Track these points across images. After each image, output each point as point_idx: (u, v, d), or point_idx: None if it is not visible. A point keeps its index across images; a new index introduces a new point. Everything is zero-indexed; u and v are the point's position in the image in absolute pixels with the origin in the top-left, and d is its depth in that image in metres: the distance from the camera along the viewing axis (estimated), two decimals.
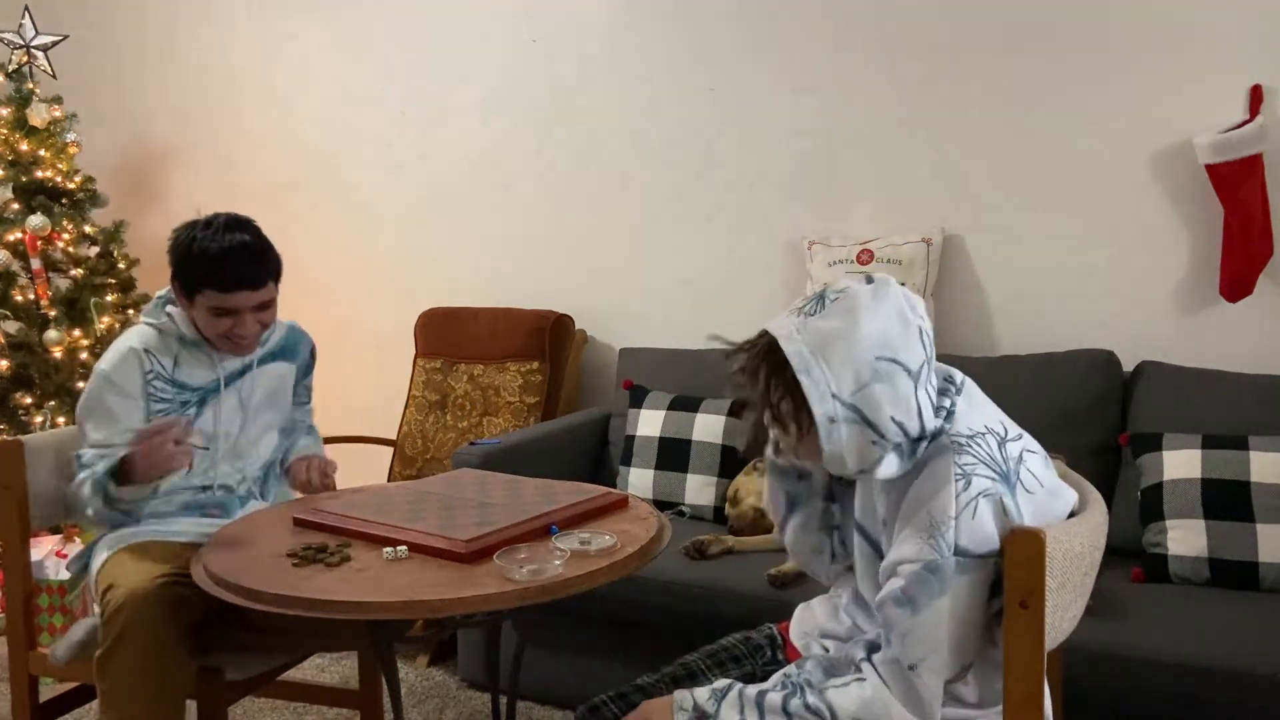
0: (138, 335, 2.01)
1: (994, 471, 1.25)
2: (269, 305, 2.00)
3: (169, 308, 2.02)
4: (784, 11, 3.04)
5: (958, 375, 1.37)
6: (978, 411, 1.32)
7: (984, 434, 1.28)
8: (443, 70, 3.54)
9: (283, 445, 2.20)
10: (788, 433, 1.31)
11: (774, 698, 1.28)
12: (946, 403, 1.30)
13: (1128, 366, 2.60)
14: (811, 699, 1.26)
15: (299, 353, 2.20)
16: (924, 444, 1.29)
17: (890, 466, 1.28)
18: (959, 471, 1.24)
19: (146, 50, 4.07)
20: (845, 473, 1.29)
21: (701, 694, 1.32)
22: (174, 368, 1.99)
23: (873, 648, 1.28)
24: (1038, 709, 1.16)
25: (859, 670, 1.27)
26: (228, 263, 1.91)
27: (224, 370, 2.04)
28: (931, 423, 1.28)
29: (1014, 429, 1.33)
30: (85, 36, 4.05)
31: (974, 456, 1.25)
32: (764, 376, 1.28)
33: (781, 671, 1.36)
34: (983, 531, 1.22)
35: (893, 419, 1.24)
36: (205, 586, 1.58)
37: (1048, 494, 1.30)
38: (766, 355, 1.28)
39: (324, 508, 1.83)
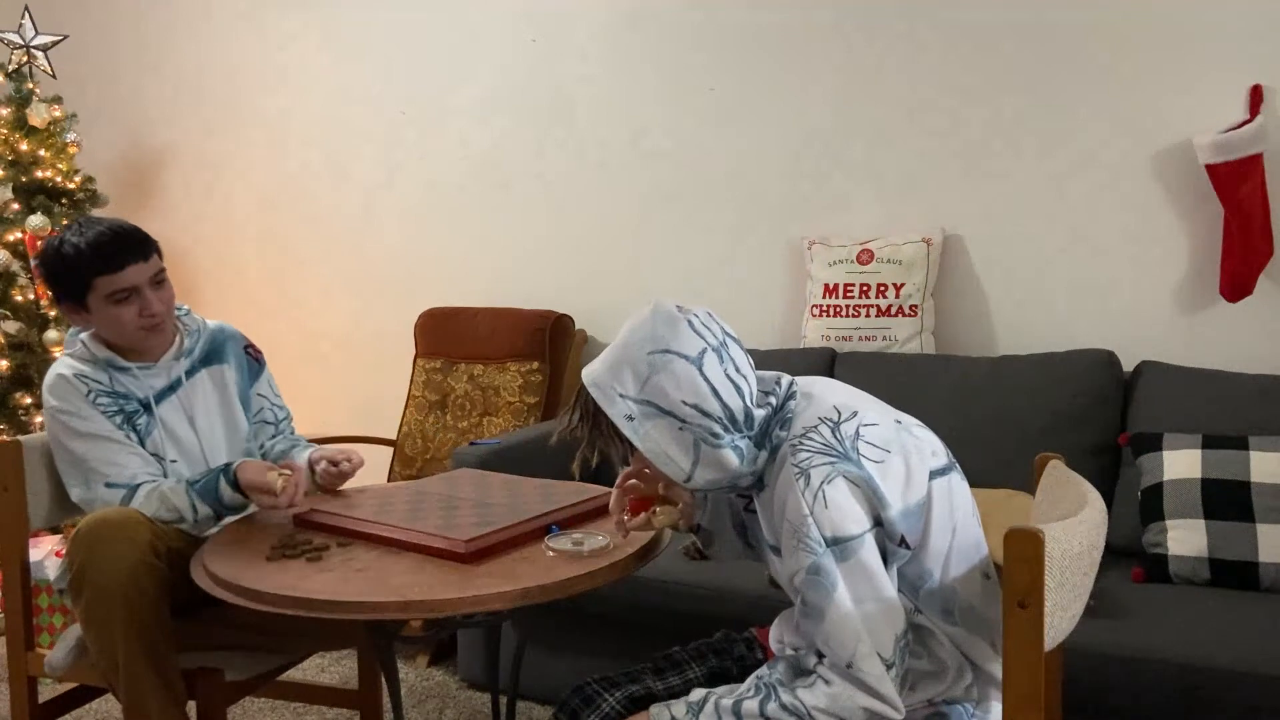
0: (64, 364, 1.94)
1: (830, 455, 1.30)
2: (163, 279, 1.93)
3: (80, 336, 1.95)
4: (784, 12, 3.04)
5: (787, 379, 1.43)
6: (815, 406, 1.37)
7: (816, 426, 1.33)
8: (443, 70, 3.54)
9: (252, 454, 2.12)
10: (621, 450, 1.40)
11: (750, 705, 1.30)
12: (773, 400, 1.38)
13: (1128, 366, 2.60)
14: (786, 698, 1.28)
15: (229, 353, 2.10)
16: (765, 453, 1.37)
17: (733, 461, 1.34)
18: (797, 470, 1.30)
19: (146, 50, 4.08)
20: (687, 473, 1.35)
21: (678, 708, 1.34)
22: (110, 382, 1.93)
23: (820, 653, 1.32)
24: (1037, 709, 1.16)
25: (818, 674, 1.30)
26: (105, 244, 1.85)
27: (152, 389, 1.96)
28: (745, 400, 1.34)
29: (849, 409, 1.36)
30: (85, 36, 4.05)
31: (808, 450, 1.31)
32: (579, 414, 1.41)
33: (754, 674, 1.38)
34: (842, 514, 1.27)
35: (684, 402, 1.32)
36: (205, 586, 1.58)
37: (899, 456, 1.33)
38: (577, 398, 1.41)
39: (324, 508, 1.83)
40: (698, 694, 1.35)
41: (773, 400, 1.39)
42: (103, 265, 1.84)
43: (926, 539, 1.33)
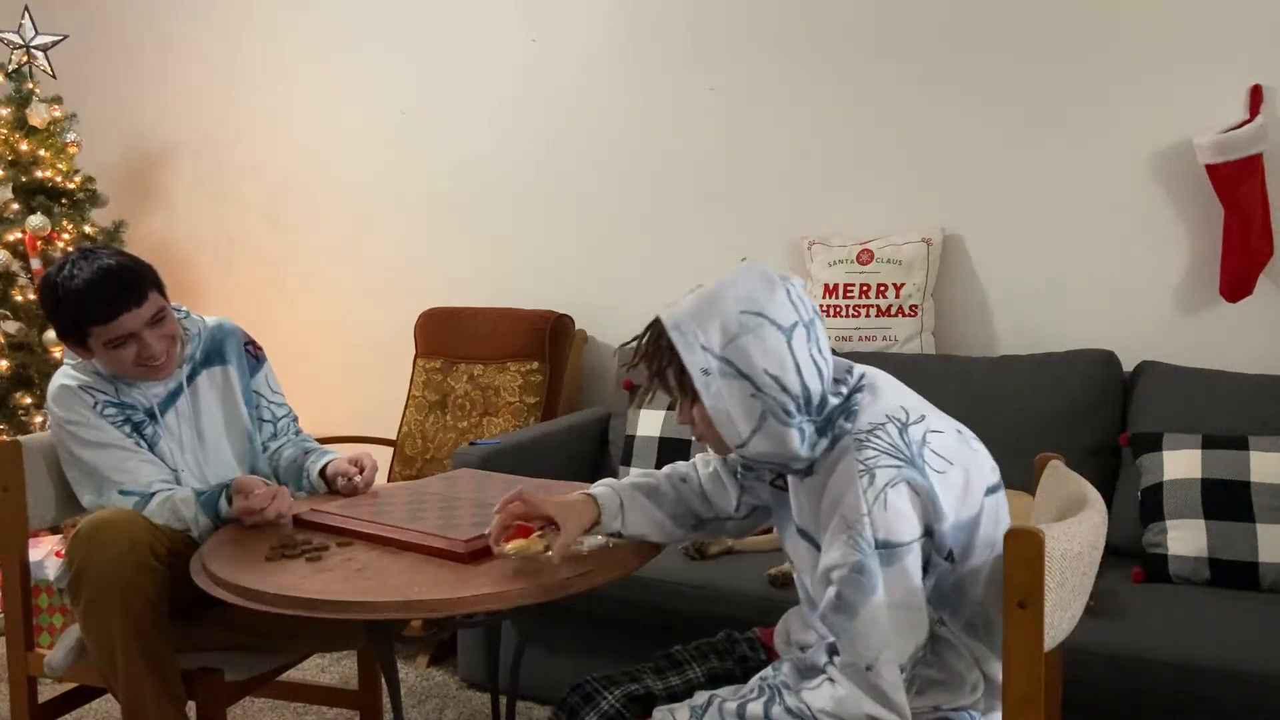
0: (67, 375, 1.93)
1: (897, 459, 1.27)
2: (162, 318, 1.88)
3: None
4: (784, 11, 3.04)
5: (858, 369, 1.40)
6: (881, 402, 1.34)
7: (884, 424, 1.31)
8: (443, 70, 3.54)
9: (256, 459, 2.11)
10: (680, 398, 1.37)
11: (754, 707, 1.29)
12: (844, 389, 1.35)
13: (1128, 366, 2.60)
14: (790, 701, 1.27)
15: (229, 351, 2.08)
16: (825, 441, 1.33)
17: (795, 442, 1.31)
18: (862, 467, 1.27)
19: (146, 50, 4.07)
20: (744, 439, 1.32)
21: (681, 712, 1.33)
22: (116, 393, 1.92)
23: (834, 650, 1.30)
24: (1037, 709, 1.16)
25: (827, 673, 1.29)
26: (98, 292, 1.80)
27: (156, 398, 1.95)
28: (823, 385, 1.32)
29: (917, 412, 1.34)
30: (85, 36, 4.05)
31: (875, 449, 1.28)
32: (647, 349, 1.37)
33: (758, 675, 1.37)
34: (899, 520, 1.25)
35: (766, 371, 1.29)
36: (205, 586, 1.58)
37: (961, 469, 1.31)
38: (649, 332, 1.37)
39: (324, 508, 1.83)
40: (701, 696, 1.34)
41: (844, 389, 1.36)
42: (97, 315, 1.81)
43: (969, 554, 1.31)
